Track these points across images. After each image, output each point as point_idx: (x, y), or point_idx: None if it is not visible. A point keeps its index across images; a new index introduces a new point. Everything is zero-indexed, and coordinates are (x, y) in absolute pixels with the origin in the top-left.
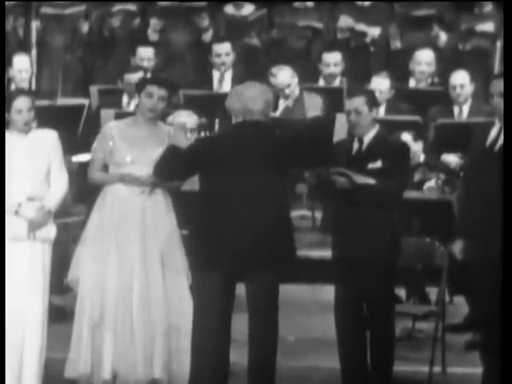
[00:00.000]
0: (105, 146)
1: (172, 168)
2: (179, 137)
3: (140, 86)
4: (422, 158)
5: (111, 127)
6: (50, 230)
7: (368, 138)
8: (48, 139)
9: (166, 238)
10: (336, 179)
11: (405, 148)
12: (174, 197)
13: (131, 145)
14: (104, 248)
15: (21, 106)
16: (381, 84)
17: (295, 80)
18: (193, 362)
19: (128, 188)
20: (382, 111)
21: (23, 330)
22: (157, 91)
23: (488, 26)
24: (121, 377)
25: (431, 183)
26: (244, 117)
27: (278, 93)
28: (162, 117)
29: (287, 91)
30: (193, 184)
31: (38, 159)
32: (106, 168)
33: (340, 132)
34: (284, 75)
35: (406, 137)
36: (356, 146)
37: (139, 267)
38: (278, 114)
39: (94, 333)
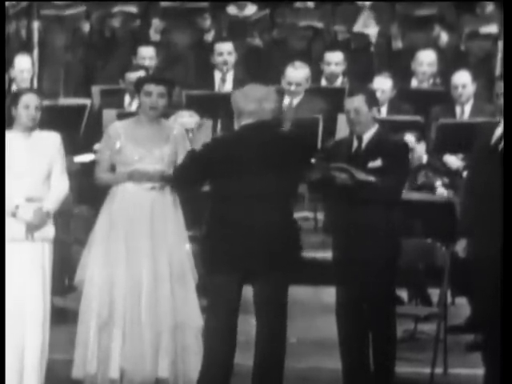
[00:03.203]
0: (112, 147)
1: (191, 172)
2: None
3: (138, 85)
4: (424, 159)
5: (117, 127)
6: (49, 230)
7: (367, 136)
8: (51, 141)
9: (174, 237)
10: (337, 175)
11: (404, 147)
12: (181, 197)
13: (138, 144)
14: (113, 246)
15: (29, 102)
16: (383, 84)
17: (307, 83)
18: (204, 362)
19: (136, 185)
20: (384, 111)
21: (24, 331)
22: (155, 89)
23: (490, 27)
24: (127, 375)
25: (439, 186)
26: (257, 117)
27: (284, 89)
28: (164, 117)
29: (293, 88)
30: None
31: (39, 160)
32: (112, 168)
33: (342, 132)
34: (303, 73)
35: (409, 138)
36: (355, 144)
37: (147, 265)
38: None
39: (101, 332)
